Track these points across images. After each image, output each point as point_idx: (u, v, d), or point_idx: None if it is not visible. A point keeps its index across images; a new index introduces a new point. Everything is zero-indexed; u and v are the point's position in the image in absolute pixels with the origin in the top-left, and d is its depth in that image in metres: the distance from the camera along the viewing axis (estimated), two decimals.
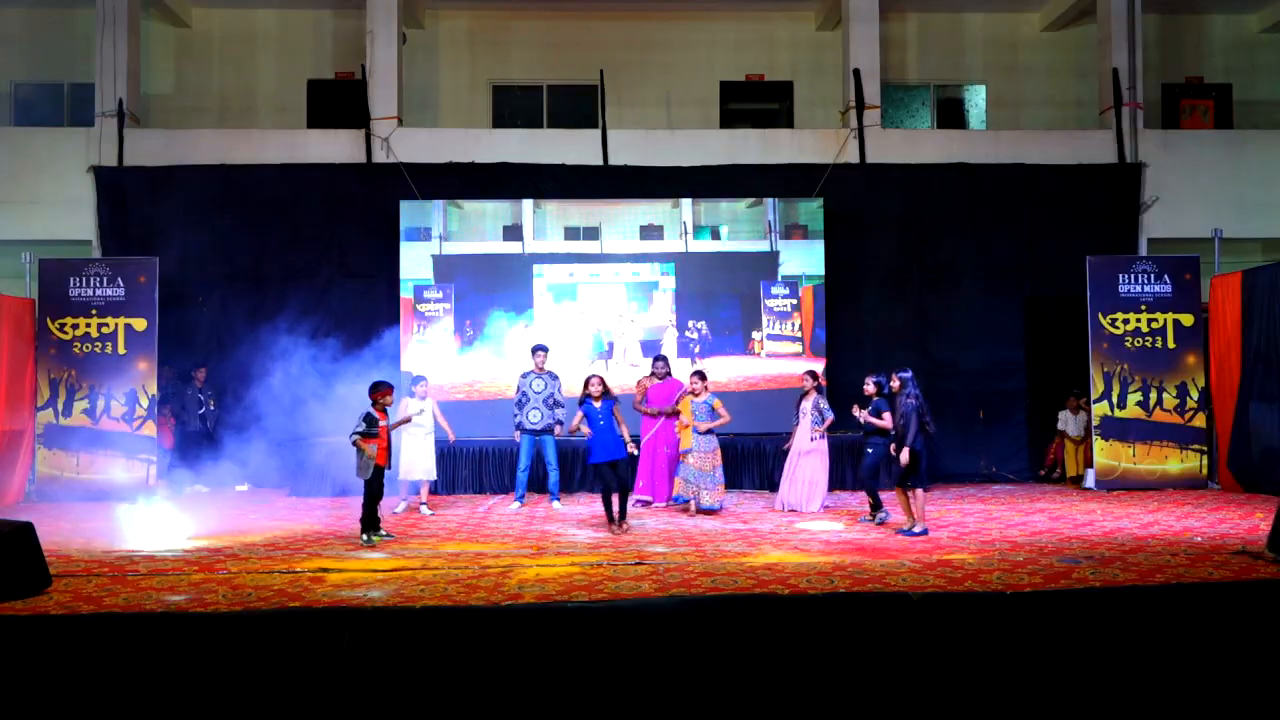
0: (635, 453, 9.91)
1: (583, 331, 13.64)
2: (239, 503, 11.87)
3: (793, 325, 13.68)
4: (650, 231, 13.83)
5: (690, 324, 13.75)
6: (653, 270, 13.75)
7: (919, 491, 9.05)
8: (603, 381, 9.67)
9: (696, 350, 13.73)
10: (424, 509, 10.87)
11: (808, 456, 10.73)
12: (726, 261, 13.74)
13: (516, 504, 11.14)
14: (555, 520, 10.26)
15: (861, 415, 9.74)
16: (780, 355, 13.61)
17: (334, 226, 13.67)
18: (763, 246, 13.75)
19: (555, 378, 11.41)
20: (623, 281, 13.80)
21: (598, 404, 9.46)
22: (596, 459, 9.42)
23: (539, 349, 11.42)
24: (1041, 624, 6.25)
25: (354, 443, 8.87)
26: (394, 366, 13.21)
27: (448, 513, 10.88)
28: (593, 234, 13.81)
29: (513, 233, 13.70)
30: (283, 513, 10.98)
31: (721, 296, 13.74)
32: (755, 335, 13.71)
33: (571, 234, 13.84)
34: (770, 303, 13.70)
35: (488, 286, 13.68)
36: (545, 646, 6.04)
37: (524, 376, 11.36)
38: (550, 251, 13.75)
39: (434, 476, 11.07)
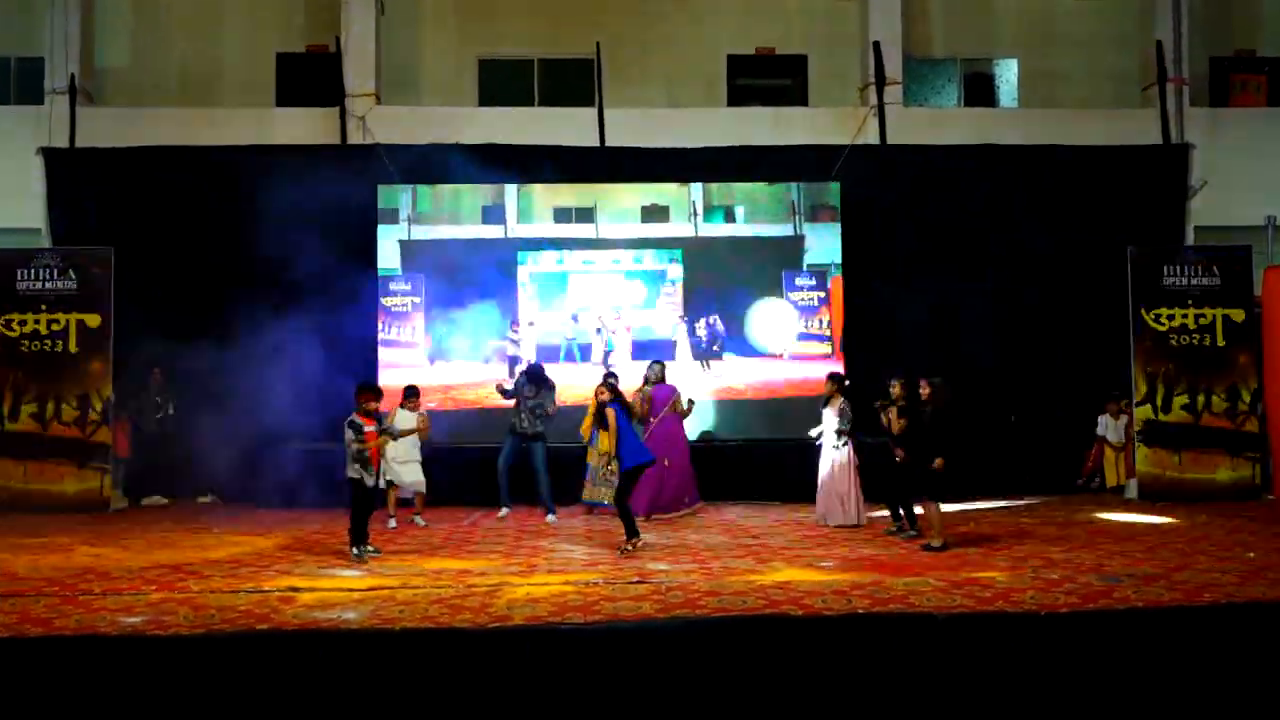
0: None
1: (567, 327, 13.42)
2: (201, 515, 11.85)
3: (820, 322, 13.34)
4: (654, 214, 13.49)
5: (702, 321, 13.42)
6: (657, 258, 13.41)
7: (934, 505, 9.06)
8: (611, 387, 9.66)
9: (717, 347, 13.35)
10: (418, 520, 10.89)
11: (835, 465, 10.73)
12: (743, 248, 13.33)
13: (505, 510, 11.18)
14: (548, 535, 10.25)
15: (900, 456, 9.79)
16: (807, 357, 13.21)
17: (306, 213, 13.60)
18: (785, 230, 13.36)
19: (551, 387, 11.50)
20: (622, 270, 13.44)
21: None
22: (631, 463, 9.21)
23: (533, 375, 11.53)
24: (1079, 647, 6.24)
25: (364, 455, 8.79)
26: (371, 366, 13.23)
27: (430, 525, 10.86)
28: (587, 216, 13.52)
29: (494, 214, 13.43)
30: (249, 526, 10.95)
31: (737, 289, 13.28)
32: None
33: (562, 216, 13.52)
34: (795, 296, 13.33)
35: (464, 277, 13.32)
36: (536, 673, 6.03)
37: (523, 373, 11.59)
38: (538, 236, 13.51)
39: (423, 489, 11.05)
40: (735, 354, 13.41)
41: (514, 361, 13.35)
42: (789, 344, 13.46)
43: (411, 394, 10.98)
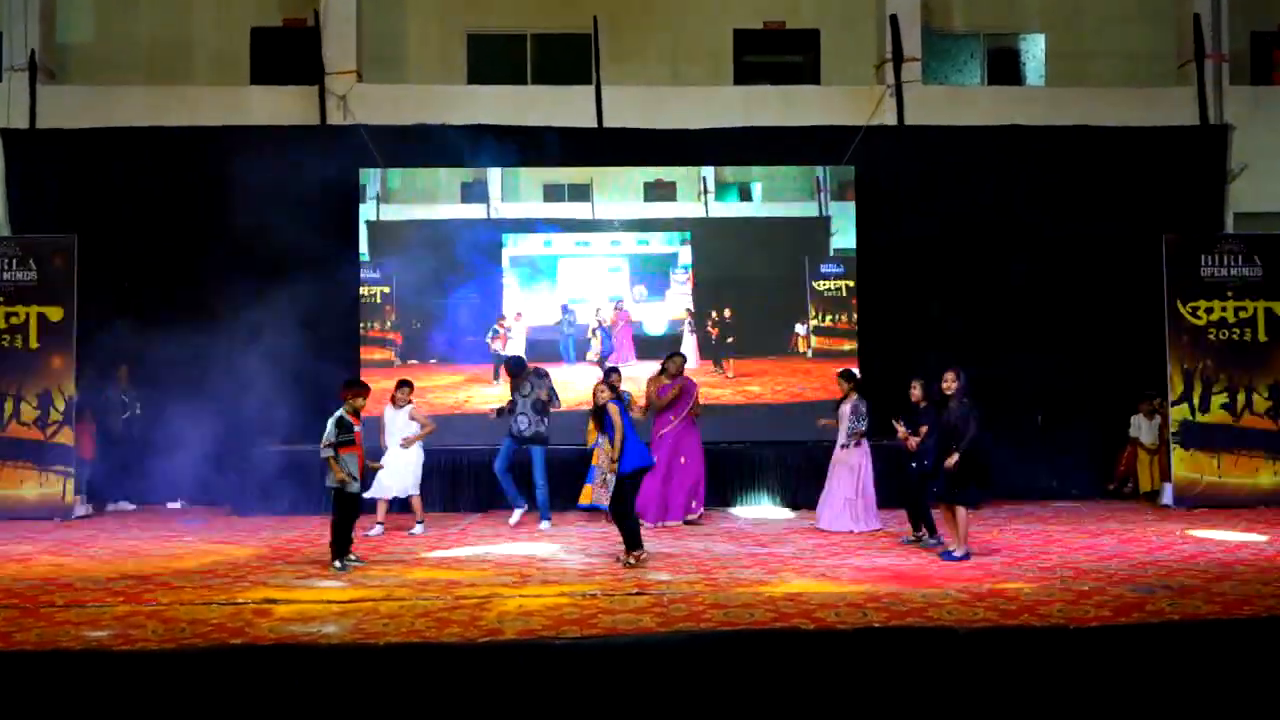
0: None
1: (561, 319, 13.29)
2: (171, 522, 11.85)
3: (849, 316, 13.16)
4: (658, 192, 13.15)
5: (712, 314, 13.18)
6: (668, 240, 13.07)
7: (962, 510, 9.04)
8: (611, 386, 9.58)
9: (729, 341, 13.01)
10: (419, 528, 10.87)
11: (844, 468, 10.74)
12: (760, 230, 13.03)
13: (518, 513, 11.28)
14: (542, 543, 10.25)
15: (902, 433, 9.79)
16: (833, 355, 12.99)
17: (283, 199, 13.60)
18: (808, 210, 13.04)
19: (543, 375, 11.45)
20: (624, 253, 13.13)
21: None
22: (630, 466, 9.14)
23: (519, 368, 11.48)
24: (1110, 664, 6.23)
25: (326, 460, 8.85)
26: (353, 363, 13.23)
27: (415, 534, 10.87)
28: (582, 194, 13.25)
29: (475, 192, 13.13)
30: (222, 534, 10.96)
31: (753, 277, 13.00)
32: (799, 329, 13.17)
33: (554, 194, 13.23)
34: (819, 285, 13.06)
35: (442, 264, 13.11)
36: (529, 690, 6.03)
37: (513, 382, 11.49)
38: (525, 217, 13.25)
39: (416, 491, 11.04)
40: (750, 352, 13.15)
41: (500, 361, 13.27)
42: (812, 341, 13.21)
43: (404, 387, 10.99)
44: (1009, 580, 8.09)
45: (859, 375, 11.24)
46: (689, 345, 13.17)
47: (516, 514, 11.29)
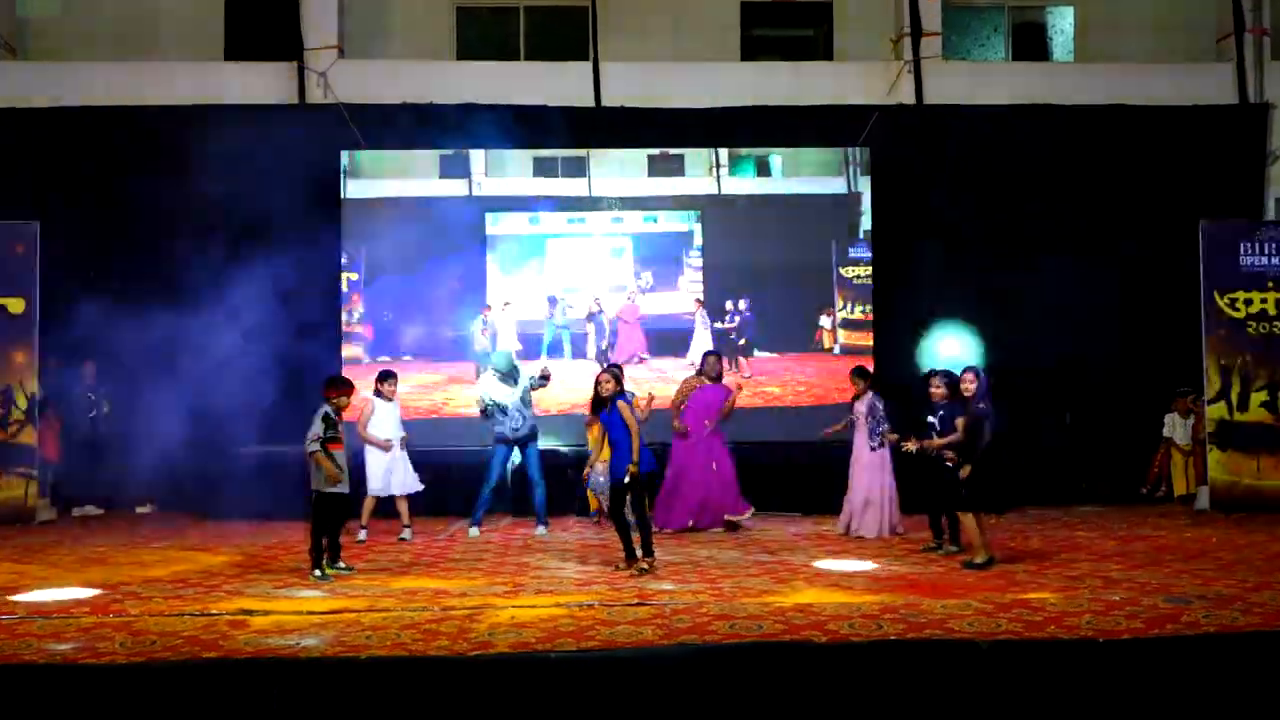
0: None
1: (552, 309, 13.06)
2: (140, 527, 11.85)
3: None
4: (664, 165, 12.83)
5: (726, 305, 12.93)
6: (676, 218, 12.72)
7: (969, 517, 9.05)
8: (615, 377, 9.40)
9: (740, 340, 12.69)
10: (407, 533, 10.89)
11: (870, 470, 10.74)
12: (780, 209, 12.74)
13: (475, 529, 11.15)
14: (535, 550, 10.25)
15: (913, 445, 9.79)
16: (863, 351, 12.77)
17: (260, 183, 13.59)
18: (835, 186, 12.73)
19: (518, 372, 11.44)
20: (627, 232, 12.79)
21: (609, 410, 9.19)
22: (622, 474, 9.13)
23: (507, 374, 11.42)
24: (1142, 678, 6.24)
25: (313, 454, 8.85)
26: (335, 359, 13.22)
27: (406, 540, 10.88)
28: (576, 169, 13.03)
29: (455, 166, 12.85)
30: (195, 540, 10.97)
31: (772, 263, 12.70)
32: (824, 322, 12.89)
33: (545, 168, 12.98)
34: (848, 271, 12.81)
35: (417, 247, 12.89)
36: (522, 707, 6.03)
37: (486, 379, 11.44)
38: (512, 194, 12.97)
39: (419, 486, 11.06)
40: (769, 348, 12.95)
41: (485, 358, 13.12)
42: (840, 335, 12.99)
43: (390, 378, 10.98)
44: (1034, 590, 8.09)
45: (872, 372, 11.22)
46: (700, 340, 13.04)
47: (473, 531, 11.16)
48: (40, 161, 13.67)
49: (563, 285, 13.34)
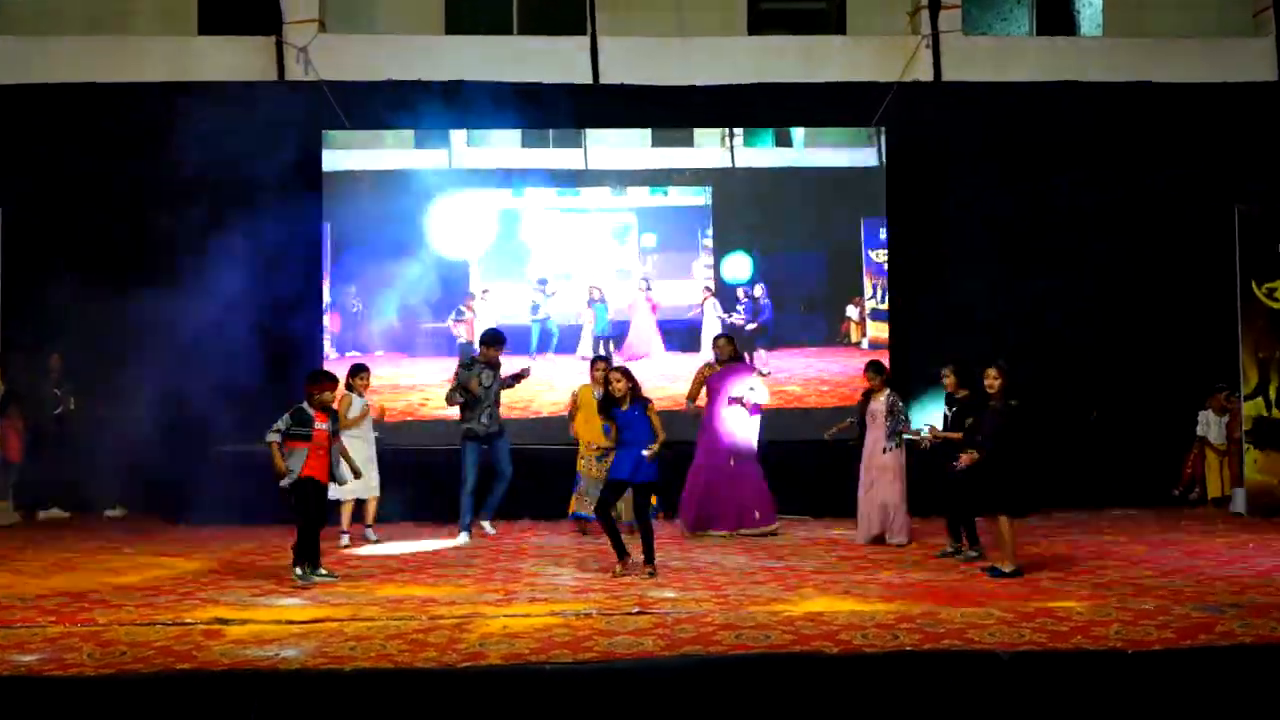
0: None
1: (538, 297, 12.80)
2: (109, 532, 11.85)
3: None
4: (671, 135, 12.58)
5: (740, 293, 12.69)
6: (685, 192, 12.44)
7: (1005, 520, 9.03)
8: (626, 375, 9.34)
9: (761, 327, 12.49)
10: (370, 534, 10.98)
11: (883, 473, 10.72)
12: (802, 184, 12.44)
13: (464, 535, 11.15)
14: (529, 556, 10.26)
15: (928, 436, 9.80)
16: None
17: (236, 165, 13.58)
18: (865, 158, 12.53)
19: (497, 367, 11.40)
20: (630, 205, 12.53)
21: (626, 408, 9.20)
22: (613, 475, 9.31)
23: (493, 338, 11.35)
24: (1174, 691, 6.24)
25: (270, 444, 8.88)
26: (318, 351, 13.22)
27: (385, 545, 10.90)
28: (570, 138, 12.85)
29: (433, 136, 12.63)
30: (167, 545, 10.98)
31: (792, 244, 12.45)
32: (851, 313, 12.74)
33: (534, 138, 12.80)
34: (878, 255, 12.65)
35: (390, 228, 12.67)
36: None
37: (465, 368, 11.34)
38: (498, 167, 12.78)
39: (376, 493, 11.07)
40: (789, 341, 12.75)
41: (465, 352, 12.96)
42: (869, 328, 12.82)
43: (362, 372, 10.99)
44: (1059, 598, 8.08)
45: (886, 369, 11.18)
46: (711, 329, 12.92)
47: (462, 537, 11.16)
48: (4, 143, 13.65)
49: (553, 270, 13.11)
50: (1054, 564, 9.59)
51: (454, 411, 11.40)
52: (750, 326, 12.96)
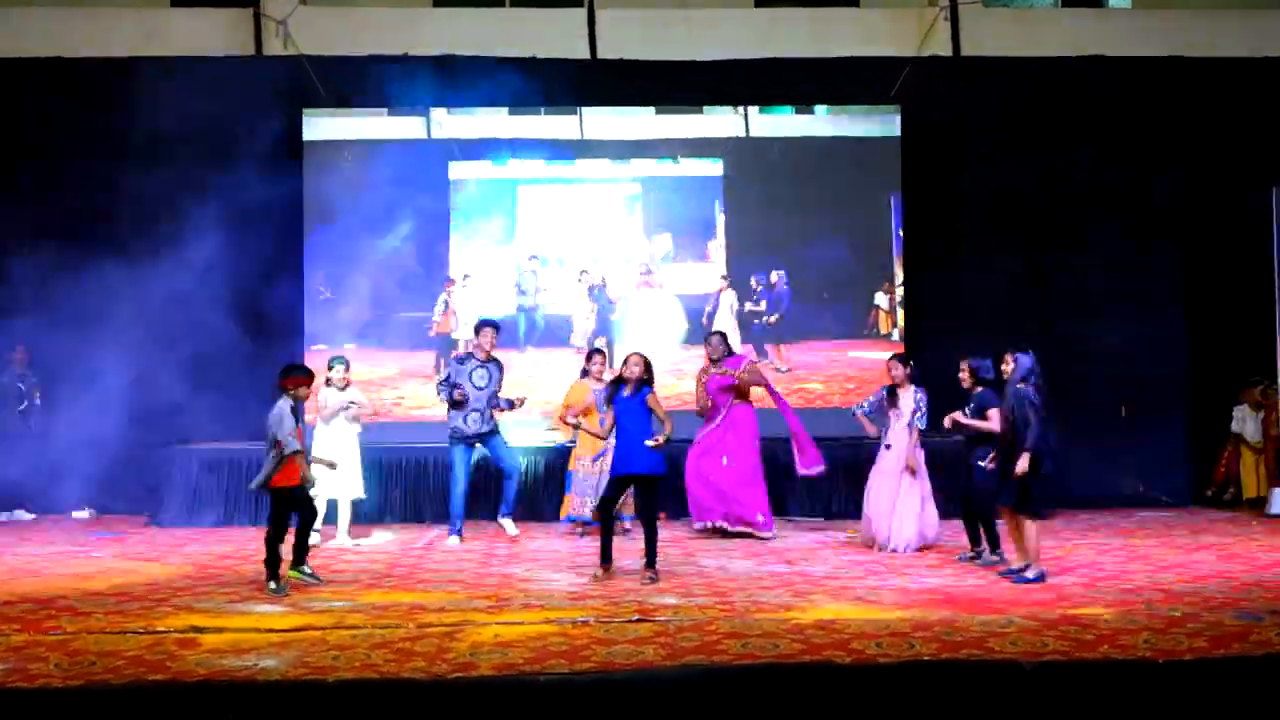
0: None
1: (527, 280, 12.59)
2: (77, 534, 11.85)
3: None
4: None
5: (754, 280, 12.46)
6: (698, 160, 12.17)
7: (1030, 523, 9.01)
8: (645, 362, 9.27)
9: (770, 319, 12.20)
10: (346, 539, 10.97)
11: (908, 473, 10.67)
12: (824, 156, 12.23)
13: (454, 539, 11.14)
14: (523, 560, 10.26)
15: (951, 419, 9.74)
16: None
17: (212, 145, 13.61)
18: (893, 128, 12.35)
19: (500, 368, 11.27)
20: (634, 176, 12.28)
21: (629, 395, 9.21)
22: (614, 471, 9.32)
23: (486, 325, 11.25)
24: (1206, 703, 6.24)
25: (295, 452, 8.82)
26: (295, 343, 13.22)
27: (371, 548, 10.90)
28: (564, 105, 12.64)
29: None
30: (140, 549, 10.98)
31: (813, 222, 12.22)
32: (881, 301, 12.61)
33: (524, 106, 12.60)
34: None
35: (363, 205, 12.58)
36: None
37: (459, 363, 11.23)
38: (483, 136, 12.69)
39: (361, 494, 11.09)
40: (810, 334, 12.54)
41: (444, 346, 12.94)
42: (899, 317, 12.69)
43: (340, 364, 10.95)
44: (1085, 605, 8.09)
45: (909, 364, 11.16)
46: (724, 324, 12.84)
47: (452, 540, 11.12)
48: None
49: (547, 251, 12.99)
50: (1080, 568, 9.59)
51: (436, 411, 11.33)
52: (770, 319, 12.80)
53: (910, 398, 10.63)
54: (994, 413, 9.43)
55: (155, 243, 13.21)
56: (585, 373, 11.38)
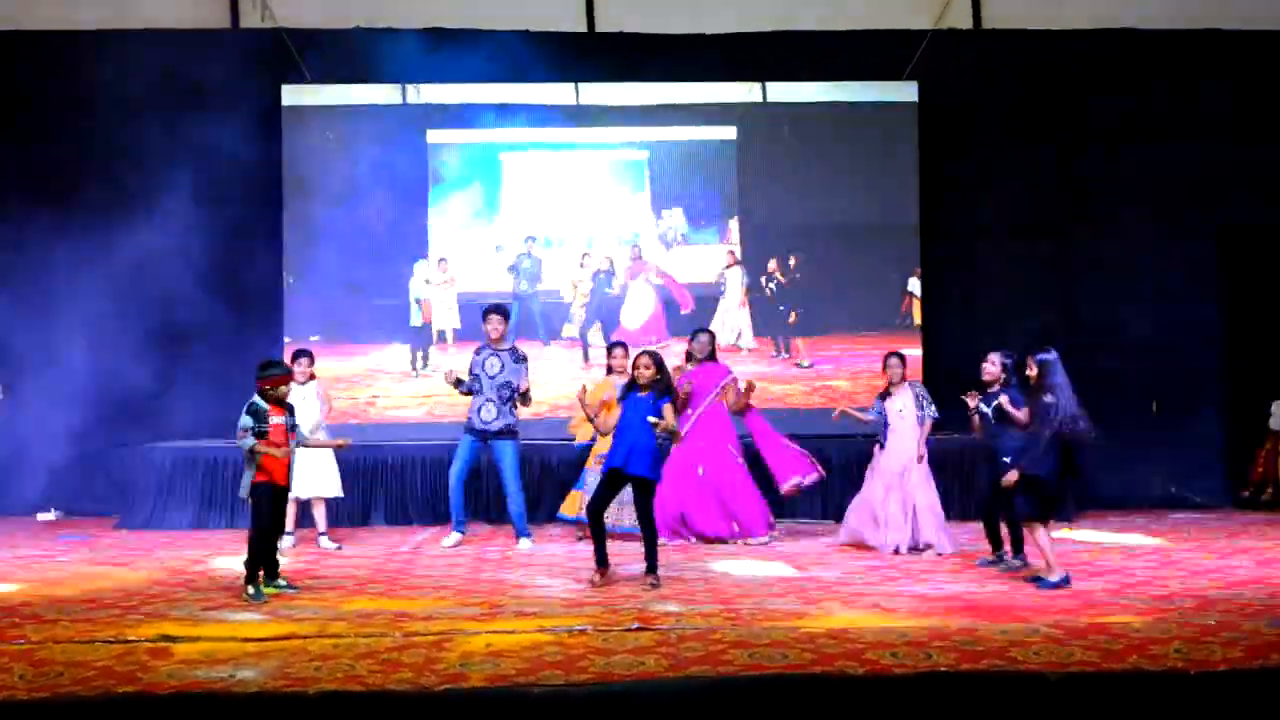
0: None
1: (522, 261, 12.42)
2: (43, 538, 11.87)
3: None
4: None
5: (774, 264, 12.31)
6: (712, 124, 11.83)
7: (1041, 530, 9.02)
8: (656, 361, 9.26)
9: (797, 308, 11.98)
10: (323, 541, 10.98)
11: (914, 474, 10.69)
12: (849, 125, 11.99)
13: (456, 535, 11.16)
14: (516, 565, 10.27)
15: (974, 401, 9.72)
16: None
17: (182, 123, 13.60)
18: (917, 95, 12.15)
19: (520, 359, 11.23)
20: (640, 141, 12.04)
21: (642, 394, 9.20)
22: (610, 464, 9.33)
23: (491, 311, 11.22)
24: (1243, 716, 6.25)
25: (251, 450, 8.83)
26: (276, 335, 13.22)
27: (355, 552, 10.90)
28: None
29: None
30: (109, 553, 10.98)
31: (836, 199, 12.00)
32: (914, 287, 12.46)
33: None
34: None
35: (330, 179, 12.50)
36: None
37: (476, 353, 11.22)
38: (467, 102, 12.52)
39: (339, 492, 11.08)
40: (834, 326, 12.38)
41: (423, 338, 12.88)
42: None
43: (303, 357, 10.93)
44: (1114, 612, 8.10)
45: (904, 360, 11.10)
46: (733, 315, 12.84)
47: (454, 537, 11.13)
48: None
49: (536, 230, 12.84)
50: (1108, 574, 9.61)
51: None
52: (791, 319, 12.66)
53: (909, 395, 10.64)
54: (1021, 414, 9.43)
55: (125, 230, 13.17)
56: (610, 369, 11.32)
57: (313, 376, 11.00)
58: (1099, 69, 14.11)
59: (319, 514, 11.04)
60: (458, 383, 11.07)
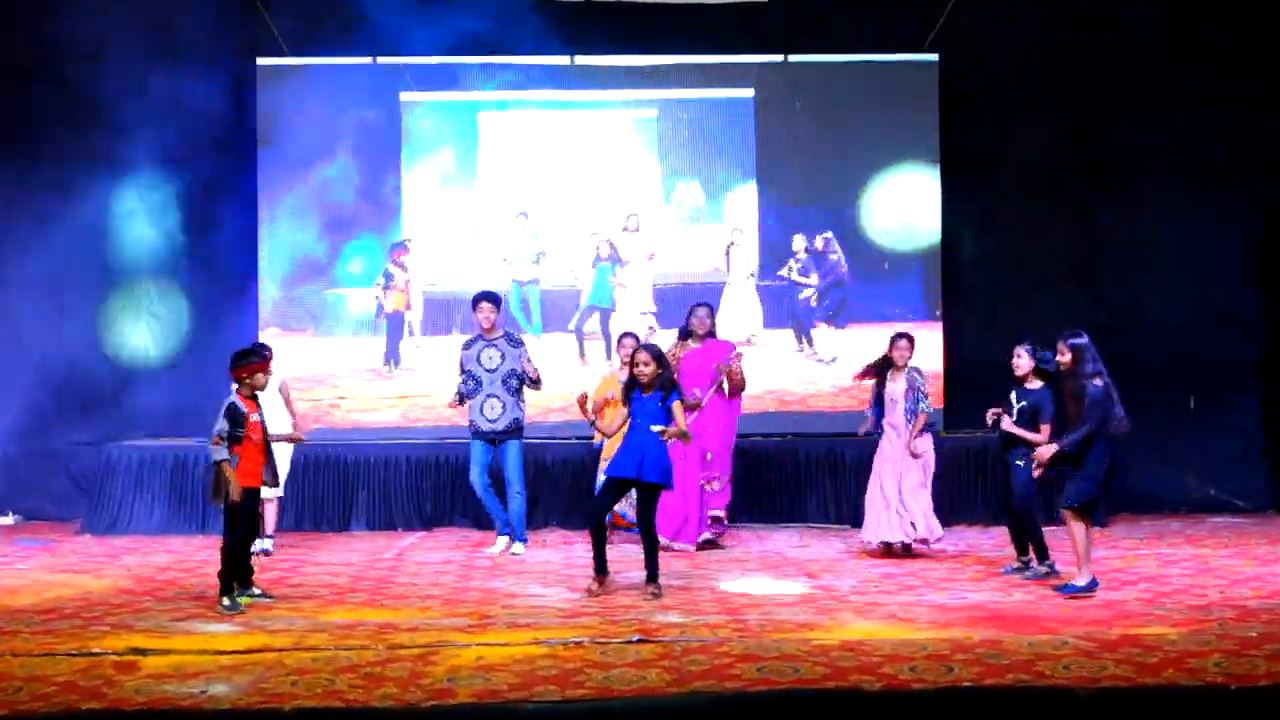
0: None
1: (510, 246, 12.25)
2: (2, 543, 11.87)
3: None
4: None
5: (799, 240, 12.08)
6: (728, 80, 11.53)
7: (1081, 526, 9.01)
8: (655, 355, 9.23)
9: (824, 305, 11.80)
10: (268, 544, 10.89)
11: (906, 463, 10.69)
12: (877, 92, 11.71)
13: (503, 541, 11.11)
14: (508, 573, 10.27)
15: (1004, 423, 9.72)
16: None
17: (154, 99, 13.57)
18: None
19: (518, 344, 11.20)
20: (649, 100, 11.74)
21: (647, 395, 9.20)
22: (608, 472, 9.41)
23: (480, 299, 11.16)
24: None
25: (216, 463, 8.81)
26: (251, 324, 13.21)
27: (334, 559, 10.91)
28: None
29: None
30: (71, 559, 10.98)
31: (865, 177, 11.87)
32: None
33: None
34: None
35: (292, 149, 12.44)
36: None
37: (465, 348, 11.20)
38: (446, 62, 12.30)
39: (279, 491, 10.92)
40: (862, 316, 12.27)
41: (396, 329, 12.82)
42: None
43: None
44: (1149, 623, 8.10)
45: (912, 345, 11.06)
46: (739, 304, 12.71)
47: (501, 542, 11.14)
48: None
49: (535, 206, 12.64)
50: (1142, 582, 9.61)
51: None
52: (805, 294, 12.47)
53: (905, 380, 10.63)
54: (1046, 428, 9.45)
55: (89, 211, 13.20)
56: (623, 363, 11.27)
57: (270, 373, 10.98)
58: (1134, 36, 13.89)
59: (269, 514, 10.97)
60: (460, 400, 11.07)
